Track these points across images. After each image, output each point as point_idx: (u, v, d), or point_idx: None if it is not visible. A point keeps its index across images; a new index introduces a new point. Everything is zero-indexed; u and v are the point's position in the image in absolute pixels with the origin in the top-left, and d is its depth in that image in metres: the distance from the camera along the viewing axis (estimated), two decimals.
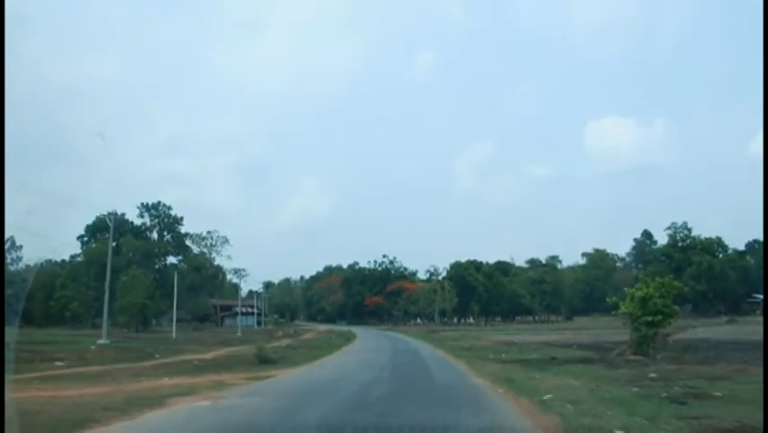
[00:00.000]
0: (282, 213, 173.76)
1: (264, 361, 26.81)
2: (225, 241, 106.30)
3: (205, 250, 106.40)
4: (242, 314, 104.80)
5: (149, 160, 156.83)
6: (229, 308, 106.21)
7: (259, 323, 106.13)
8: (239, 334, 77.37)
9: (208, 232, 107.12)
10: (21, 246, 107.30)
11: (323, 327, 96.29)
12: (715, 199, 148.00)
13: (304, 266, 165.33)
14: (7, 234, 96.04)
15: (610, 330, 75.46)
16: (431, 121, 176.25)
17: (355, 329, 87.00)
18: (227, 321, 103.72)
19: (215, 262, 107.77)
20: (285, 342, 50.55)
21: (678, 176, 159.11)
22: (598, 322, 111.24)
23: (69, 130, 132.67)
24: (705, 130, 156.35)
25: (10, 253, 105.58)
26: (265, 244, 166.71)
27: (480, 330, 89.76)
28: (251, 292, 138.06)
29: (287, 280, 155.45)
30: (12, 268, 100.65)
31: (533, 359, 28.53)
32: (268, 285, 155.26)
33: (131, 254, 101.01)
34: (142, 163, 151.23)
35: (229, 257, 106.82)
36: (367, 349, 40.38)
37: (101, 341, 48.37)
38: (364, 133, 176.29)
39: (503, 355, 31.72)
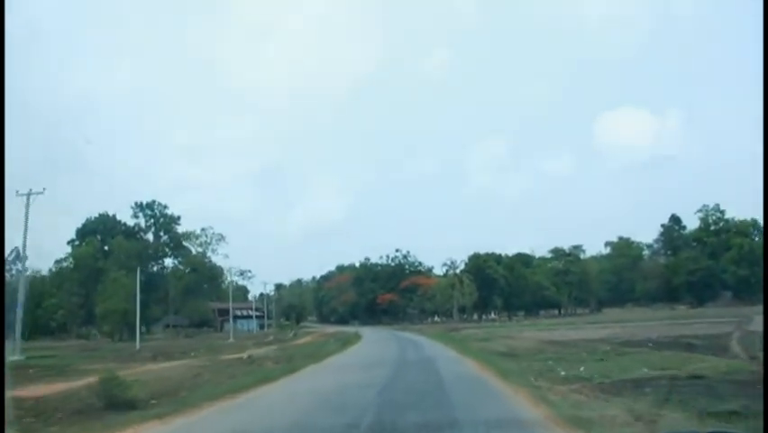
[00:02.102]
0: (295, 214, 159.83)
1: (117, 404, 12.14)
2: (221, 238, 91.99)
3: (200, 249, 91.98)
4: (243, 317, 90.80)
5: (161, 166, 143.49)
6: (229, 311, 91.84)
7: (261, 326, 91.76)
8: (231, 340, 63.42)
9: (202, 229, 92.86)
10: (26, 257, 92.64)
11: (331, 329, 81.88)
12: (740, 185, 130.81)
13: (318, 267, 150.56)
14: (13, 245, 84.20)
15: (658, 322, 60.27)
16: (444, 116, 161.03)
17: (365, 330, 72.52)
18: (227, 326, 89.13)
19: (213, 262, 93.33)
20: (257, 351, 36.08)
21: (699, 164, 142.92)
22: (633, 313, 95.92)
23: (80, 138, 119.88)
24: (724, 118, 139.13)
25: (15, 265, 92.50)
26: (278, 247, 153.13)
27: (506, 327, 74.63)
28: (262, 295, 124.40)
29: (298, 282, 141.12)
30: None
31: (650, 379, 13.87)
32: (279, 287, 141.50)
33: (123, 257, 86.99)
34: (155, 170, 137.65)
35: (226, 256, 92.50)
36: (361, 361, 25.70)
37: (13, 357, 34.31)
38: (377, 131, 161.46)
39: (581, 370, 17.00)
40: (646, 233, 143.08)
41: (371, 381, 15.83)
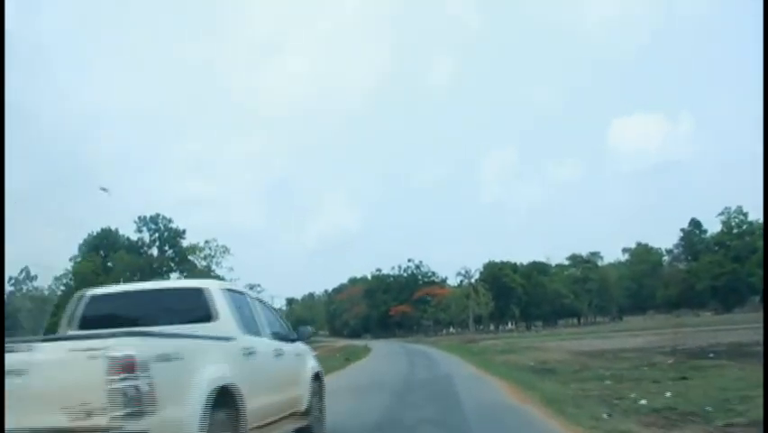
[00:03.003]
0: (307, 228, 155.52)
1: None
2: (226, 251, 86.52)
3: (204, 262, 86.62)
4: None
5: (170, 184, 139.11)
6: None
7: None
8: None
9: (206, 241, 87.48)
10: (35, 276, 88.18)
11: (341, 343, 76.14)
12: (759, 186, 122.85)
13: (331, 280, 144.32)
14: (21, 266, 79.28)
15: (691, 329, 53.93)
16: (453, 125, 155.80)
17: (376, 343, 66.73)
18: None
19: (220, 276, 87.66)
20: None
21: (715, 166, 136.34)
22: (656, 321, 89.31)
23: (90, 158, 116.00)
24: (739, 118, 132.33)
25: (25, 284, 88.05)
26: (290, 261, 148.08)
27: (526, 337, 68.55)
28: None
29: (310, 295, 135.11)
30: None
31: None
32: (291, 301, 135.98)
33: (128, 273, 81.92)
34: (164, 188, 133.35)
35: (231, 269, 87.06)
36: (359, 383, 19.81)
37: None
38: (385, 142, 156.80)
39: (667, 395, 11.27)
40: (663, 238, 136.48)
41: (357, 421, 10.14)
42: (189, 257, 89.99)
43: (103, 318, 5.83)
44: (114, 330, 4.35)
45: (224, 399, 4.82)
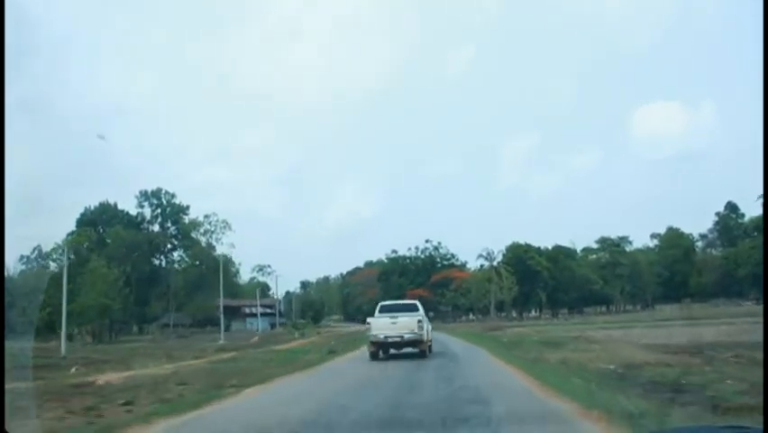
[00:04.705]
0: (326, 212, 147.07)
1: None
2: (227, 226, 77.28)
3: (203, 237, 77.56)
4: (254, 315, 76.16)
5: (189, 171, 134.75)
6: (238, 309, 77.18)
7: (273, 325, 76.70)
8: (221, 342, 49.00)
9: (205, 216, 78.29)
10: (47, 255, 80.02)
11: (350, 328, 67.35)
12: None
13: (348, 264, 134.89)
14: (33, 244, 73.66)
15: (750, 318, 43.53)
16: (474, 109, 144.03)
17: None
18: (235, 325, 74.44)
19: (225, 255, 78.52)
20: (185, 363, 20.79)
21: (739, 151, 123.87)
22: (694, 310, 77.83)
23: (110, 147, 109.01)
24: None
25: (38, 262, 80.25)
26: (308, 245, 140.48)
27: (557, 325, 58.25)
28: (288, 293, 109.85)
29: (325, 279, 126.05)
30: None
31: None
32: (305, 284, 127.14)
33: (119, 248, 73.21)
34: (183, 175, 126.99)
35: (232, 245, 77.97)
36: (313, 401, 9.88)
37: None
38: (403, 128, 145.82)
39: None
40: (693, 224, 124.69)
41: None
42: (191, 234, 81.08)
43: (386, 311, 22.81)
44: (409, 313, 22.42)
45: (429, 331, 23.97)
